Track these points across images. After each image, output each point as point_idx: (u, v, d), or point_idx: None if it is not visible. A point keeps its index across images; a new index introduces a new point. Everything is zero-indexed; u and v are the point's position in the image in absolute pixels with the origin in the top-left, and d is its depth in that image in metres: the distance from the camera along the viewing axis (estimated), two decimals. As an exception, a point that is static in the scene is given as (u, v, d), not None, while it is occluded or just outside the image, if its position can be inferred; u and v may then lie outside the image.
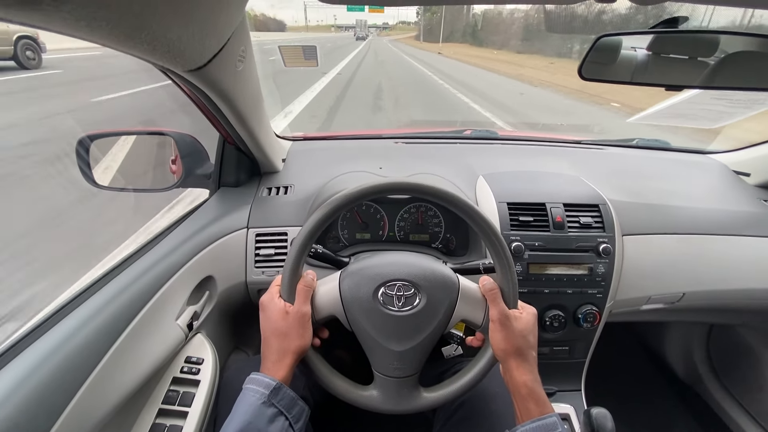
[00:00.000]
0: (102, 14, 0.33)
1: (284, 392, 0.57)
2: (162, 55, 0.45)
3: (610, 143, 1.37)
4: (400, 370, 0.63)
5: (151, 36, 0.41)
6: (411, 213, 1.00)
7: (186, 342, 0.78)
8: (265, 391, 0.55)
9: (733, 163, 1.25)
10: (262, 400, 0.54)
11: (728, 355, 1.36)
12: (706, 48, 0.70)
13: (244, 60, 0.65)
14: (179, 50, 0.47)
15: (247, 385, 0.57)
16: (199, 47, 0.50)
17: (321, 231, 0.64)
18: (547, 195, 0.96)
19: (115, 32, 0.36)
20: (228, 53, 0.57)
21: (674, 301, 1.01)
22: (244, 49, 0.64)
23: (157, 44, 0.43)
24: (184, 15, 0.43)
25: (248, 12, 0.62)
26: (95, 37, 0.35)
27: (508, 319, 0.61)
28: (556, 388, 1.00)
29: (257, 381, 0.57)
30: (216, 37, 0.53)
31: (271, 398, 0.55)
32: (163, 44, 0.43)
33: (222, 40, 0.54)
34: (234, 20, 0.55)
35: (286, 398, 0.57)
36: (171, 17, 0.41)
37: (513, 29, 36.13)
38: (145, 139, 1.00)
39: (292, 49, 0.94)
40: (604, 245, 0.90)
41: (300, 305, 0.62)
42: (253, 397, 0.55)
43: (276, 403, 0.55)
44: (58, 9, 0.29)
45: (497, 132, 1.43)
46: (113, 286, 0.65)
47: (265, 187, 1.01)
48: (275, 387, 0.56)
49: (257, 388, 0.56)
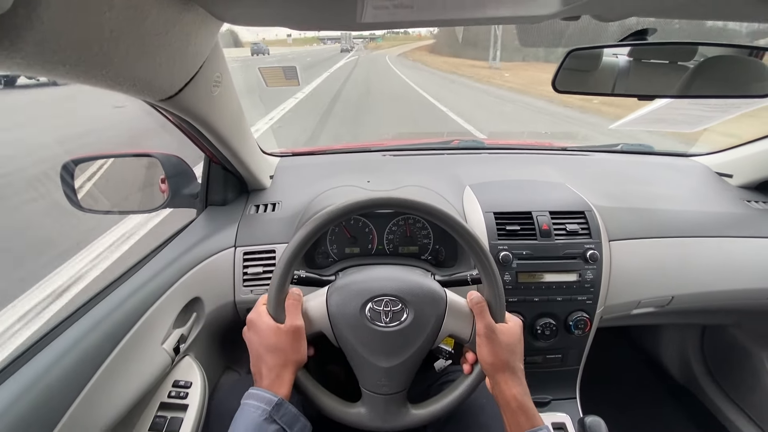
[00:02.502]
0: (57, 58, 0.33)
1: (286, 408, 0.56)
2: (129, 88, 0.45)
3: (595, 149, 1.39)
4: (388, 386, 0.62)
5: (114, 72, 0.40)
6: (399, 226, 1.00)
7: (173, 366, 0.77)
8: (267, 407, 0.54)
9: (715, 165, 1.27)
10: (264, 417, 0.53)
11: (723, 356, 1.36)
12: (686, 53, 0.71)
13: (220, 85, 0.65)
14: (146, 82, 0.47)
15: (247, 401, 0.56)
16: (168, 77, 0.50)
17: (307, 247, 0.64)
18: (533, 203, 0.96)
19: (74, 71, 0.36)
20: (201, 80, 0.57)
21: (664, 304, 1.01)
22: (220, 75, 0.64)
23: (122, 79, 0.42)
24: (148, 49, 0.42)
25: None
26: (53, 76, 0.35)
27: (494, 333, 0.61)
28: (551, 397, 1.00)
29: (258, 396, 0.56)
30: (186, 66, 0.52)
31: (273, 414, 0.54)
32: (128, 78, 0.43)
33: (193, 69, 0.54)
34: (204, 49, 0.55)
35: (288, 414, 0.55)
36: (134, 52, 0.41)
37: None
38: (131, 161, 0.99)
39: (272, 70, 0.95)
40: (591, 251, 0.90)
41: (293, 320, 0.61)
42: (255, 413, 0.53)
43: (278, 420, 0.54)
44: (9, 57, 0.29)
45: (484, 141, 1.45)
46: (97, 312, 0.65)
47: (253, 205, 1.01)
48: (277, 403, 0.55)
49: (258, 404, 0.54)
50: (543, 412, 0.96)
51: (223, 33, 0.60)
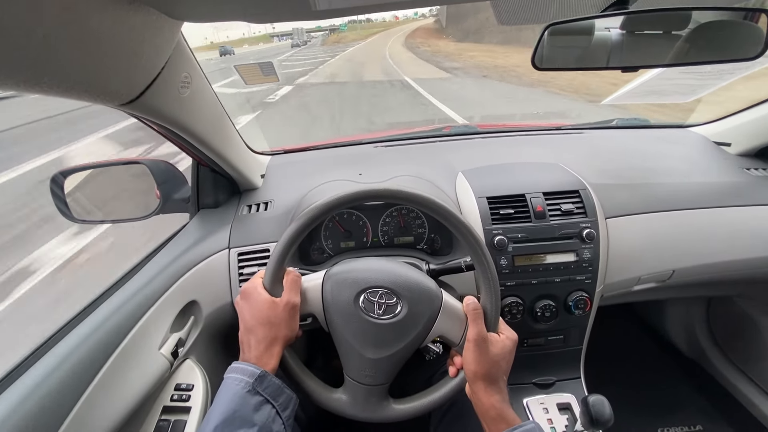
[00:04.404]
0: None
1: (269, 380, 0.56)
2: (81, 94, 0.43)
3: (590, 126, 1.37)
4: (372, 377, 0.63)
5: (57, 80, 0.38)
6: (393, 217, 0.99)
7: (174, 369, 0.78)
8: (249, 380, 0.54)
9: (713, 135, 1.24)
10: (246, 389, 0.53)
11: (729, 327, 1.35)
12: (679, 20, 0.68)
13: (189, 85, 0.64)
14: (100, 87, 0.45)
15: (229, 375, 0.56)
16: (125, 81, 0.48)
17: (312, 227, 0.65)
18: (526, 185, 0.95)
19: (9, 83, 0.34)
20: (165, 82, 0.55)
21: (665, 279, 1.00)
22: (188, 75, 0.63)
23: (68, 86, 0.40)
24: (94, 53, 0.40)
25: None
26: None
27: (484, 342, 0.60)
28: (555, 378, 0.99)
29: (240, 370, 0.56)
30: (144, 69, 0.51)
31: (256, 386, 0.54)
32: (76, 85, 0.41)
33: (153, 71, 0.52)
34: (163, 50, 0.53)
35: (271, 386, 0.56)
36: (76, 58, 0.38)
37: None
38: (120, 170, 0.99)
39: (250, 68, 0.94)
40: (588, 230, 0.89)
41: (291, 296, 0.62)
42: (237, 386, 0.54)
43: (261, 391, 0.54)
44: None
45: (476, 126, 1.43)
46: (92, 320, 0.65)
47: (245, 205, 1.01)
48: (260, 375, 0.55)
49: (240, 377, 0.55)
50: (547, 394, 0.96)
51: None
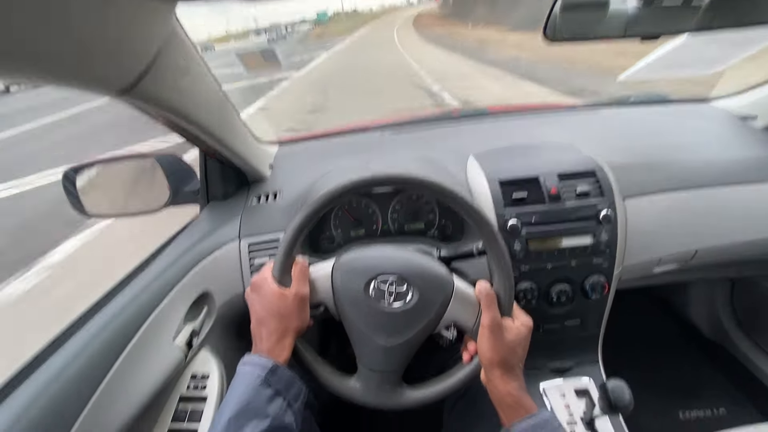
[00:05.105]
0: None
1: (281, 372, 0.56)
2: (69, 81, 0.41)
3: (606, 103, 1.32)
4: (385, 364, 0.62)
5: (43, 69, 0.36)
6: (402, 203, 0.98)
7: (190, 360, 0.79)
8: (261, 373, 0.55)
9: (738, 108, 1.18)
10: (259, 381, 0.54)
11: (754, 309, 1.31)
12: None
13: (188, 73, 0.62)
14: (90, 73, 0.43)
15: (243, 367, 0.57)
16: (117, 67, 0.47)
17: (319, 216, 0.64)
18: (539, 167, 0.92)
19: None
20: (161, 69, 0.54)
21: (687, 259, 0.96)
22: (186, 62, 0.61)
23: (57, 74, 0.38)
24: (82, 39, 0.38)
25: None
26: None
27: (499, 328, 0.59)
28: (572, 363, 0.97)
29: (253, 362, 0.56)
30: (136, 54, 0.49)
31: (269, 378, 0.55)
32: (64, 72, 0.39)
33: (146, 57, 0.50)
34: (157, 35, 0.51)
35: (283, 378, 0.56)
36: (56, 45, 0.36)
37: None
38: (129, 164, 1.00)
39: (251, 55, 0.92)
40: (605, 212, 0.86)
41: (300, 287, 0.61)
42: (251, 378, 0.54)
43: (273, 384, 0.55)
44: None
45: (486, 108, 1.39)
46: (105, 313, 0.65)
47: (254, 196, 1.00)
48: (272, 367, 0.55)
49: (253, 369, 0.55)
50: (564, 378, 0.94)
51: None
